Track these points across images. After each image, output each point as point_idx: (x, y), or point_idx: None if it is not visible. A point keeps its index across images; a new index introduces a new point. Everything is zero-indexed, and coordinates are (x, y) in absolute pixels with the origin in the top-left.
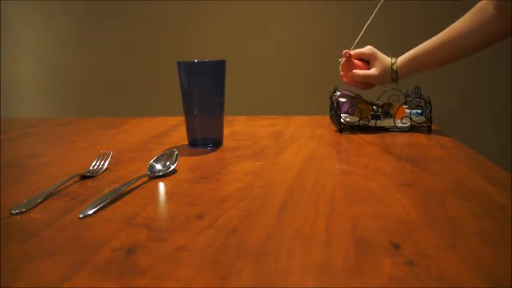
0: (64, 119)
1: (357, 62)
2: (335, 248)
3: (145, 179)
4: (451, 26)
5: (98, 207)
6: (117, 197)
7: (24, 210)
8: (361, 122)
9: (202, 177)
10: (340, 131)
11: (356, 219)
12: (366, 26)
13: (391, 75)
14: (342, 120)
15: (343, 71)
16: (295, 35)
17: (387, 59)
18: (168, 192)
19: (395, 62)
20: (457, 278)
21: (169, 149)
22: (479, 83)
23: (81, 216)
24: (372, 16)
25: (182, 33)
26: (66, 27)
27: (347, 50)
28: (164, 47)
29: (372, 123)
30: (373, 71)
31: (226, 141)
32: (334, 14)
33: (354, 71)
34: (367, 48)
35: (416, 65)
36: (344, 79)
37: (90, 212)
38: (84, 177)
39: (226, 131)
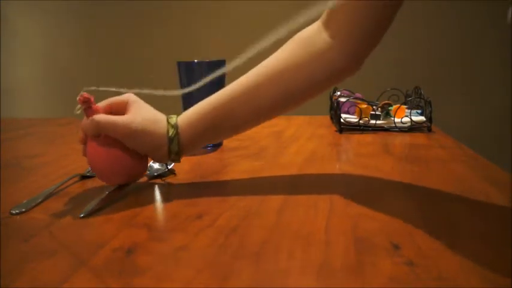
0: (64, 119)
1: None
2: (335, 248)
3: (145, 179)
4: (265, 64)
5: (98, 207)
6: (117, 197)
7: (24, 210)
8: (361, 122)
9: (202, 177)
10: (340, 131)
11: (356, 219)
12: None
13: (167, 130)
14: (341, 120)
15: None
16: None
17: (158, 113)
18: (168, 192)
19: (175, 116)
20: (457, 278)
21: None
22: (479, 83)
23: (81, 215)
24: None
25: (182, 33)
26: (66, 27)
27: (84, 94)
28: (164, 47)
29: (372, 123)
30: (129, 117)
31: (226, 141)
32: None
33: (97, 116)
34: (125, 96)
35: (215, 121)
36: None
37: (90, 211)
38: (84, 177)
39: None
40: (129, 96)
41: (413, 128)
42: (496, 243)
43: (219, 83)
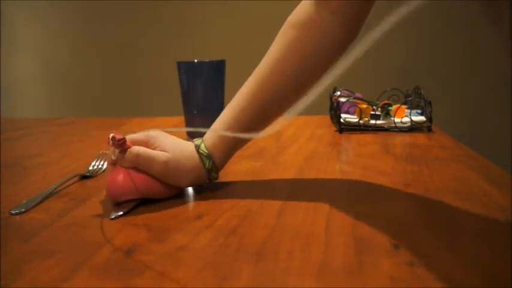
0: (63, 119)
1: None
2: (335, 248)
3: None
4: (270, 59)
5: (130, 207)
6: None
7: (23, 210)
8: (361, 122)
9: None
10: (340, 131)
11: (356, 219)
12: None
13: (203, 163)
14: (341, 120)
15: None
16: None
17: (183, 142)
18: None
19: (202, 142)
20: (457, 278)
21: None
22: (479, 83)
23: (112, 217)
24: None
25: (182, 33)
26: (66, 27)
27: (115, 134)
28: (164, 47)
29: (372, 123)
30: (164, 154)
31: None
32: None
33: (136, 148)
34: (144, 135)
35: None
36: (111, 192)
37: (121, 213)
38: (83, 177)
39: None
40: (148, 132)
41: (413, 128)
42: (496, 243)
43: (219, 83)
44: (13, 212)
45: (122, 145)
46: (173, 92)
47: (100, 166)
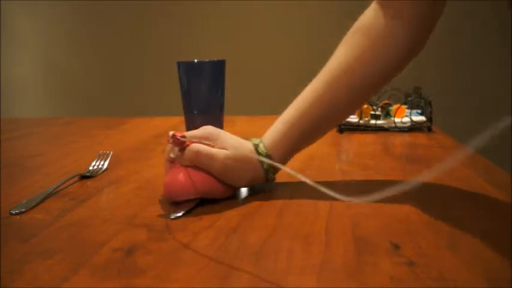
0: (64, 118)
1: None
2: (335, 248)
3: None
4: (334, 65)
5: (190, 207)
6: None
7: (23, 210)
8: (361, 122)
9: None
10: (340, 131)
11: (356, 219)
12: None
13: (261, 163)
14: None
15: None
16: (296, 34)
17: (243, 141)
18: None
19: (261, 142)
20: (457, 278)
21: None
22: (479, 83)
23: (172, 217)
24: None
25: (182, 33)
26: (66, 27)
27: (176, 132)
28: (164, 47)
29: (372, 123)
30: (223, 152)
31: None
32: (334, 14)
33: (196, 145)
34: (203, 131)
35: (301, 136)
36: (171, 192)
37: (181, 213)
38: (83, 177)
39: (226, 131)
40: (208, 129)
41: (413, 128)
42: (496, 243)
43: (219, 83)
44: (13, 212)
45: (182, 143)
46: (173, 92)
47: (100, 166)
